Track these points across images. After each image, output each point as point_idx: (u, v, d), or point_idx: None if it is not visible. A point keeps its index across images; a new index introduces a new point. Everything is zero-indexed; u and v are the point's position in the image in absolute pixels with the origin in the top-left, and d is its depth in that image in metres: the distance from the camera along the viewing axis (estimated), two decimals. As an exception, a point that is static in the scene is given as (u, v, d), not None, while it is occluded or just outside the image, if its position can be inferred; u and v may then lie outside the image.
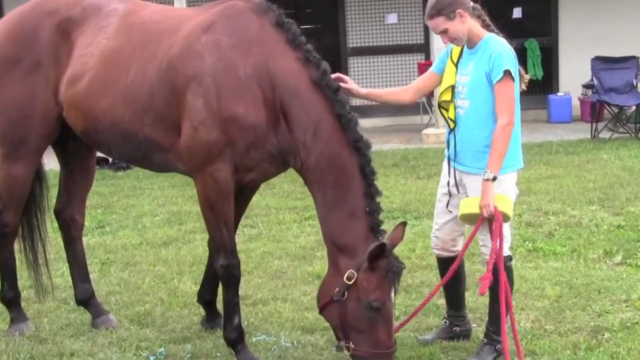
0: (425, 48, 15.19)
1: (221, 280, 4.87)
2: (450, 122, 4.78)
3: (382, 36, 15.62)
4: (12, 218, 5.37)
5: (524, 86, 4.73)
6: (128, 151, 5.05)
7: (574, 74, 14.35)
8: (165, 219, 8.54)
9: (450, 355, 4.94)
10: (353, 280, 4.40)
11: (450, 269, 4.74)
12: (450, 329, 5.11)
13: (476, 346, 4.97)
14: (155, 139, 4.81)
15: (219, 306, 5.23)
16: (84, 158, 5.57)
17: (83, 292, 5.60)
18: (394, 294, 4.45)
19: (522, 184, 8.97)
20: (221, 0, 4.86)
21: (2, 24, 5.36)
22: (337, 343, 4.57)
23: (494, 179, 4.47)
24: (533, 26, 15.57)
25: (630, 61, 13.28)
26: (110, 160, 11.47)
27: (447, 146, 4.86)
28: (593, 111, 13.07)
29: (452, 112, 4.76)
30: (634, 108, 13.11)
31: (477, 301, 5.58)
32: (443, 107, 4.82)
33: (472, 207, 4.56)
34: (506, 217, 4.57)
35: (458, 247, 4.97)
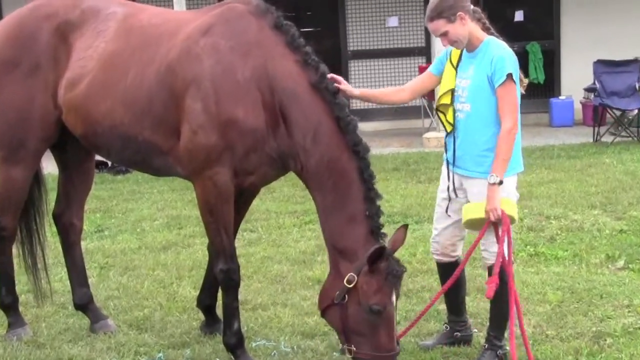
0: (426, 51, 15.14)
1: (221, 284, 4.85)
2: (448, 126, 4.75)
3: (383, 39, 15.59)
4: (10, 222, 5.35)
5: (522, 90, 4.71)
6: (127, 155, 5.03)
7: (576, 78, 14.31)
8: (165, 223, 8.51)
9: (451, 360, 4.92)
10: (353, 284, 4.39)
11: (453, 276, 4.72)
12: (451, 334, 5.09)
13: (477, 351, 4.95)
14: (154, 142, 4.79)
15: (219, 311, 5.21)
16: (83, 161, 5.56)
17: (81, 297, 5.58)
18: (395, 297, 4.42)
19: (524, 188, 8.96)
20: (220, 3, 4.85)
21: (1, 26, 5.34)
22: (341, 346, 4.56)
23: (501, 182, 4.45)
24: (535, 29, 15.55)
25: (632, 65, 13.23)
26: (109, 163, 11.47)
27: (446, 150, 4.83)
28: (595, 115, 13.01)
29: (451, 116, 4.73)
30: (636, 112, 13.04)
31: (478, 306, 5.57)
32: (441, 111, 4.79)
33: (477, 212, 4.53)
34: (512, 220, 4.56)
35: (458, 252, 4.95)
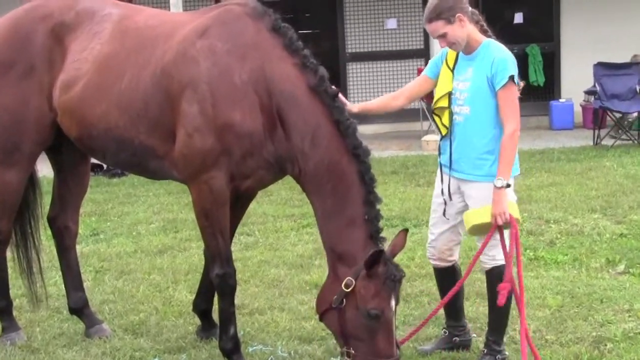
0: (425, 53, 15.13)
1: (217, 289, 4.82)
2: (443, 129, 4.72)
3: (382, 41, 15.58)
4: (5, 225, 5.32)
5: (518, 93, 4.67)
6: (123, 158, 5.00)
7: (576, 80, 14.30)
8: (161, 227, 8.48)
9: (450, 365, 4.89)
10: (351, 288, 4.36)
11: (456, 285, 4.71)
12: (449, 339, 5.06)
13: (476, 356, 4.93)
14: (150, 146, 4.76)
15: (215, 315, 5.18)
16: (78, 164, 5.52)
17: (76, 301, 5.54)
18: (394, 302, 4.38)
19: (523, 191, 8.94)
20: (217, 5, 4.82)
21: (-4, 28, 5.30)
22: (339, 350, 4.53)
23: (508, 186, 4.43)
24: (534, 31, 15.55)
25: (633, 67, 13.22)
26: (104, 166, 11.44)
27: (440, 153, 4.78)
28: (595, 118, 12.98)
29: (447, 119, 4.69)
30: (636, 115, 13.03)
31: (477, 311, 5.55)
32: (437, 114, 4.76)
33: (481, 217, 4.49)
34: (517, 223, 4.53)
35: (455, 257, 4.94)
